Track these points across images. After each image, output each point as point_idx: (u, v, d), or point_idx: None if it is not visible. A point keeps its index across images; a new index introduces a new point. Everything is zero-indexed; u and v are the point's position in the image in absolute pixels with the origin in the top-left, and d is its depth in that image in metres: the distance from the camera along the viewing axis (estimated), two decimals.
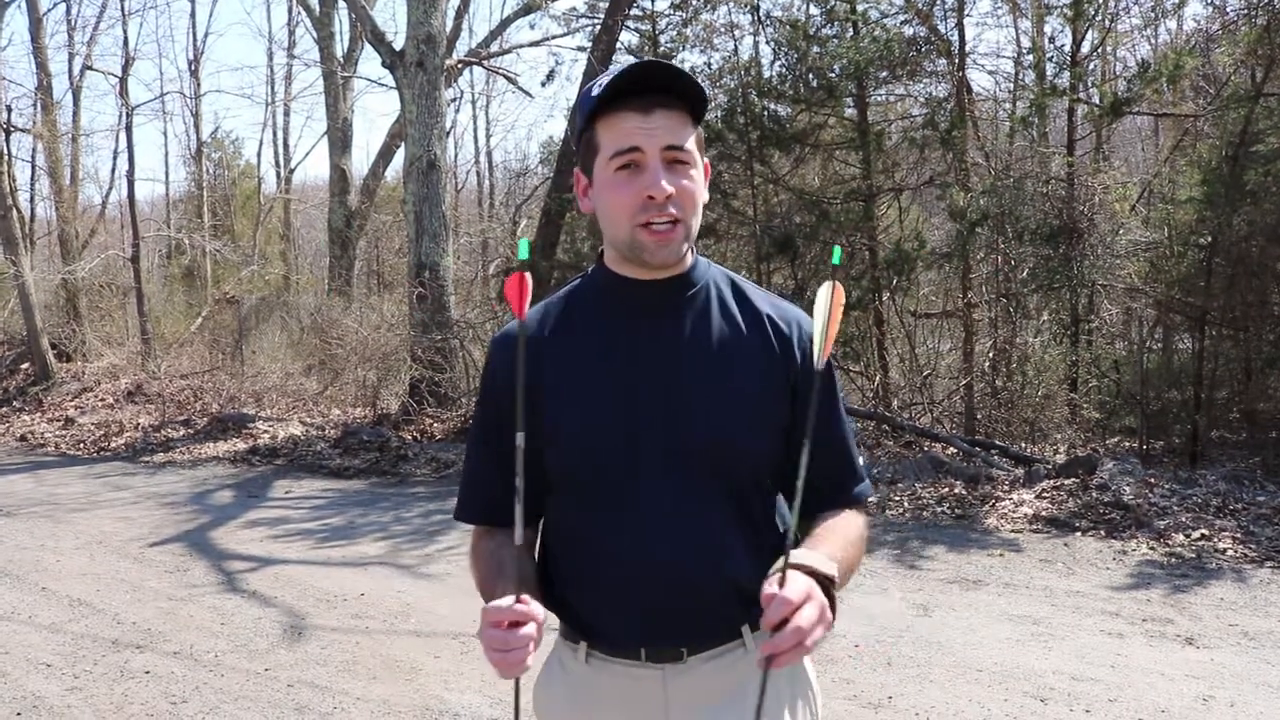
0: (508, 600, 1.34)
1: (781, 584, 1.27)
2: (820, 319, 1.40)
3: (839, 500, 1.58)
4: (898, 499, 7.47)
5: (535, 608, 1.34)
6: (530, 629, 1.32)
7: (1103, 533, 6.47)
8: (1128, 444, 9.55)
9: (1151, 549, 6.11)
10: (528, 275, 1.37)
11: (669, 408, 1.48)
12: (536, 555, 1.62)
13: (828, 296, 1.39)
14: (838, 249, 1.41)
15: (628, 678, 1.52)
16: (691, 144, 1.46)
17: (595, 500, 1.51)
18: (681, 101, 1.45)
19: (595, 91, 1.45)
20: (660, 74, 1.43)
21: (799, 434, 1.47)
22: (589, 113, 1.47)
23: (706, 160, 1.54)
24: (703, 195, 1.50)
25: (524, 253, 1.38)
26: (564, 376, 1.53)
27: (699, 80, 1.47)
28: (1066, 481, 7.27)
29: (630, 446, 1.48)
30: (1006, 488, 7.46)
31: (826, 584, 1.34)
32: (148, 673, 4.55)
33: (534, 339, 1.55)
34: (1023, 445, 9.05)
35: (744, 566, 1.47)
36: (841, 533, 1.51)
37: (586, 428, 1.50)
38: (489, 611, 1.34)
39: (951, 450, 8.73)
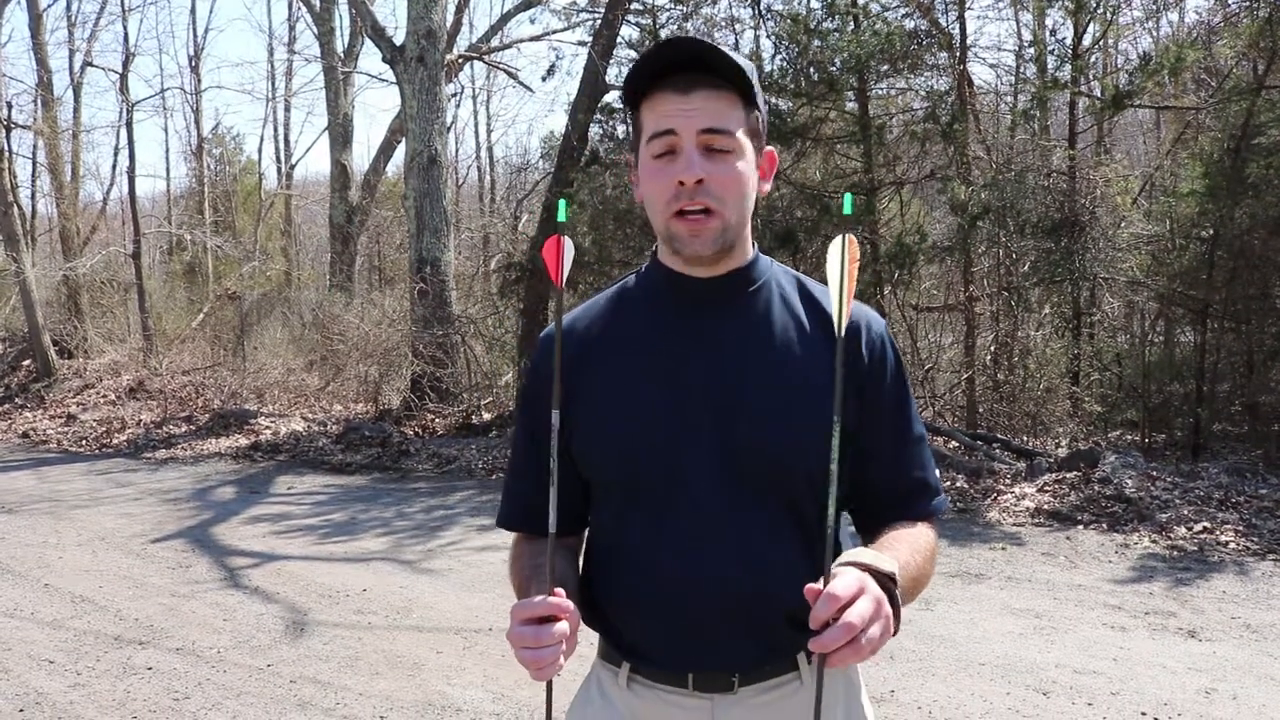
0: (540, 600, 1.23)
1: (828, 580, 1.15)
2: (835, 278, 1.24)
3: (907, 512, 1.46)
4: None
5: (569, 602, 1.25)
6: (563, 626, 1.22)
7: (1105, 526, 6.47)
8: (1130, 437, 9.55)
9: (1154, 542, 6.11)
10: (566, 239, 1.30)
11: (719, 409, 1.37)
12: (581, 568, 1.53)
13: (840, 252, 1.23)
14: (849, 196, 1.26)
15: (673, 707, 1.41)
16: (737, 128, 1.34)
17: (638, 507, 1.40)
18: (730, 83, 1.34)
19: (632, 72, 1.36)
20: (699, 52, 1.32)
21: (863, 439, 1.42)
22: (632, 95, 1.38)
23: (771, 149, 1.44)
24: (752, 184, 1.38)
25: (563, 214, 1.30)
26: (608, 376, 1.44)
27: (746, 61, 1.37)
28: (1068, 475, 7.27)
29: (676, 450, 1.37)
30: (1008, 481, 7.46)
31: (886, 582, 1.22)
32: (150, 669, 4.55)
33: (580, 336, 1.48)
34: (1024, 439, 9.05)
35: (799, 585, 1.27)
36: (908, 541, 1.39)
37: (630, 429, 1.40)
38: (518, 608, 1.24)
39: (953, 444, 8.73)
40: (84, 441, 12.13)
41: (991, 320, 10.32)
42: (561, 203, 1.34)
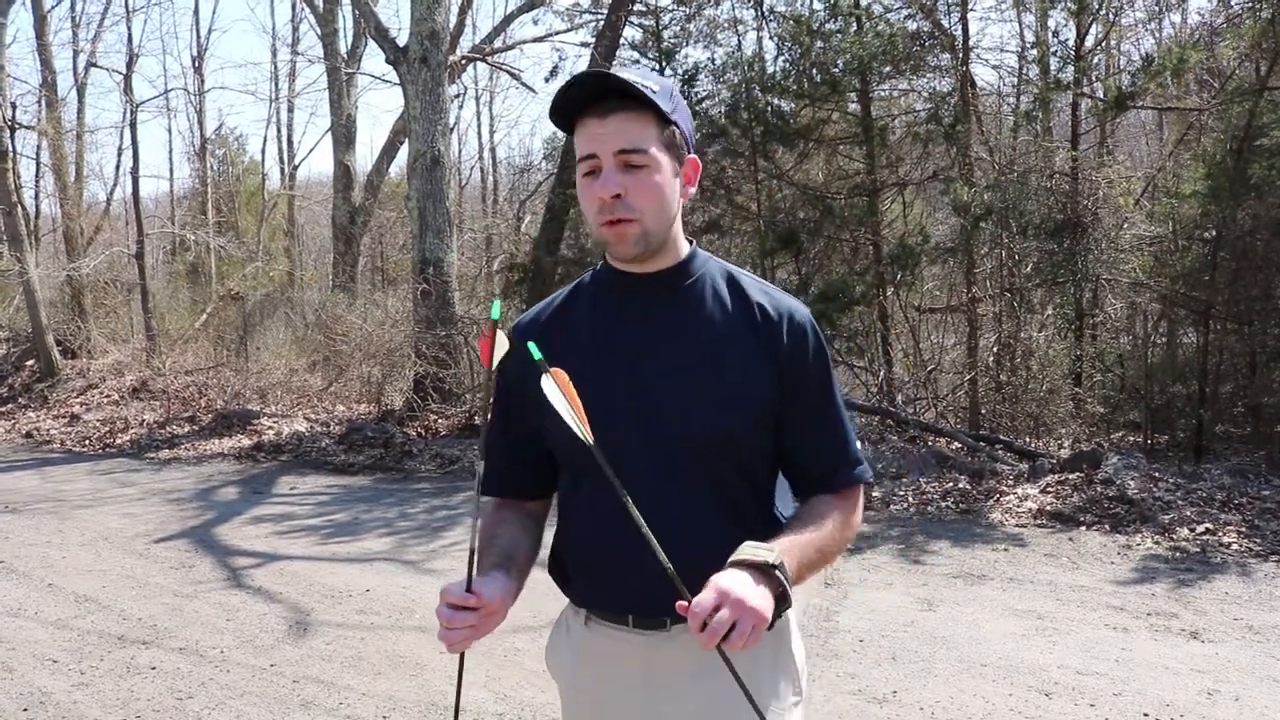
0: (460, 587, 1.45)
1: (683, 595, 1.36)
2: (563, 406, 1.45)
3: (831, 485, 1.65)
4: (902, 494, 7.47)
5: (482, 599, 1.44)
6: (469, 617, 1.44)
7: (1107, 527, 6.46)
8: (1132, 438, 9.54)
9: (1156, 543, 6.11)
10: (500, 332, 1.46)
11: (653, 397, 1.56)
12: (557, 529, 1.73)
13: (551, 384, 1.45)
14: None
15: (619, 642, 1.64)
16: (651, 144, 1.52)
17: (587, 477, 1.61)
18: (644, 105, 1.51)
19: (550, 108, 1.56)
20: (608, 83, 1.50)
21: (787, 420, 1.61)
22: (565, 124, 1.57)
23: (693, 156, 1.61)
24: (669, 191, 1.56)
25: (496, 313, 1.46)
26: (565, 363, 1.58)
27: (659, 81, 1.55)
28: (1071, 476, 7.27)
29: (615, 434, 1.54)
30: (1011, 482, 7.46)
31: (768, 570, 1.41)
32: (154, 668, 4.56)
33: (541, 328, 1.69)
34: (1027, 440, 9.04)
35: (720, 545, 1.49)
36: (817, 517, 1.59)
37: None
38: (444, 592, 1.45)
39: (956, 445, 8.73)
40: (87, 441, 12.15)
41: (994, 321, 10.31)
42: (495, 303, 1.50)
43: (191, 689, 4.32)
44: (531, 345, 1.45)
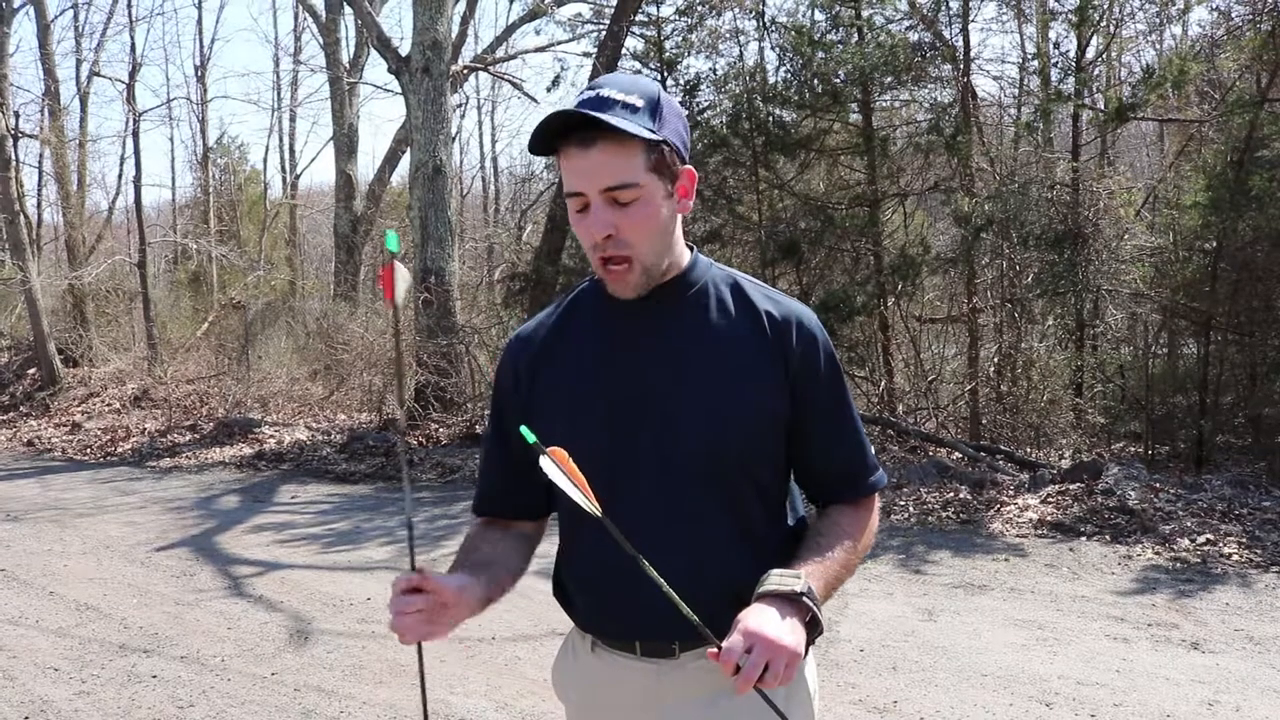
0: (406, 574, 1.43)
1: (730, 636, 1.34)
2: (566, 484, 1.41)
3: (847, 494, 1.62)
4: (903, 504, 7.47)
5: (429, 581, 1.42)
6: (417, 600, 1.41)
7: (1108, 538, 6.46)
8: (1133, 449, 9.56)
9: (1156, 554, 6.10)
10: (400, 266, 1.45)
11: (660, 413, 1.51)
12: (559, 551, 1.69)
13: (551, 464, 1.40)
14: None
15: (626, 669, 1.60)
16: (638, 174, 1.44)
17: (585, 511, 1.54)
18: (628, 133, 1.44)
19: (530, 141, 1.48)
20: (586, 119, 1.41)
21: (800, 429, 1.56)
22: (547, 153, 1.50)
23: (688, 167, 1.53)
24: (664, 217, 1.48)
25: (392, 244, 1.44)
26: (557, 384, 1.58)
27: (659, 106, 1.46)
28: (1071, 486, 7.27)
29: (621, 453, 1.51)
30: (1011, 493, 7.46)
31: (795, 600, 1.39)
32: (155, 677, 4.56)
33: (536, 347, 1.63)
34: (1028, 450, 9.05)
35: (737, 570, 1.49)
36: (830, 534, 1.55)
37: (577, 435, 1.51)
38: (393, 584, 1.44)
39: (956, 455, 8.73)
40: (88, 450, 12.15)
41: (995, 332, 10.33)
42: (390, 234, 1.48)
43: (193, 697, 4.32)
44: (524, 429, 1.39)
